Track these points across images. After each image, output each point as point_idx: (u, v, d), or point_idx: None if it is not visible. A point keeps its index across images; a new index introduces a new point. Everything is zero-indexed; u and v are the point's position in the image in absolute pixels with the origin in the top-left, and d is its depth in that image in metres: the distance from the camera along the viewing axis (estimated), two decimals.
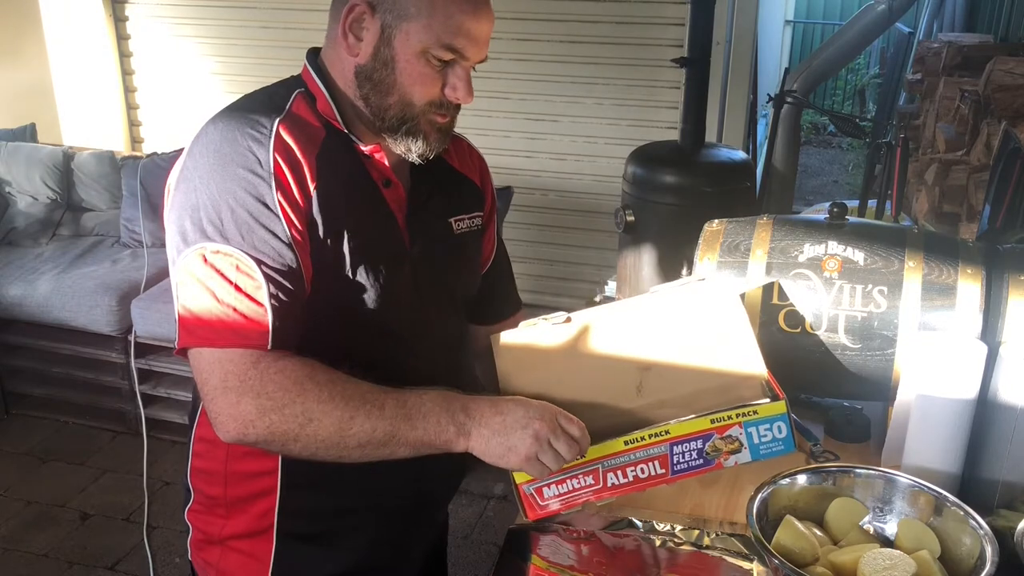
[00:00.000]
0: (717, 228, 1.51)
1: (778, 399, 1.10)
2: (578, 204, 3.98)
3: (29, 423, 3.57)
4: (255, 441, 1.08)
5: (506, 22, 3.76)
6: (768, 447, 1.10)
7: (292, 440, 1.07)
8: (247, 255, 1.07)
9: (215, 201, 1.08)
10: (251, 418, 1.06)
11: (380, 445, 1.09)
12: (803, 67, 4.15)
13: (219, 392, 1.07)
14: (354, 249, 1.16)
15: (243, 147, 1.10)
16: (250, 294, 1.07)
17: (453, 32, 1.12)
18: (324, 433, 1.07)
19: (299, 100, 1.18)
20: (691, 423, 1.09)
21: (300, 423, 1.06)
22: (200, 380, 1.09)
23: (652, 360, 1.19)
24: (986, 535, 1.07)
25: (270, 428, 1.06)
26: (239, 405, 1.06)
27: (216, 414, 1.08)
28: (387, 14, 1.13)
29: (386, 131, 1.18)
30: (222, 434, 1.09)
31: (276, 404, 1.06)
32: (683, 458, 1.10)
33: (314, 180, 1.13)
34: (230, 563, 1.28)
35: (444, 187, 1.31)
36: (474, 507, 3.06)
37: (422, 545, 1.43)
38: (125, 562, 2.81)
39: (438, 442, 1.10)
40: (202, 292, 1.07)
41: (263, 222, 1.08)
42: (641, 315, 1.27)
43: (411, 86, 1.15)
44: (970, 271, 1.34)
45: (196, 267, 1.08)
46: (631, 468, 1.10)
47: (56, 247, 3.78)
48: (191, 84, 4.35)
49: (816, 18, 9.75)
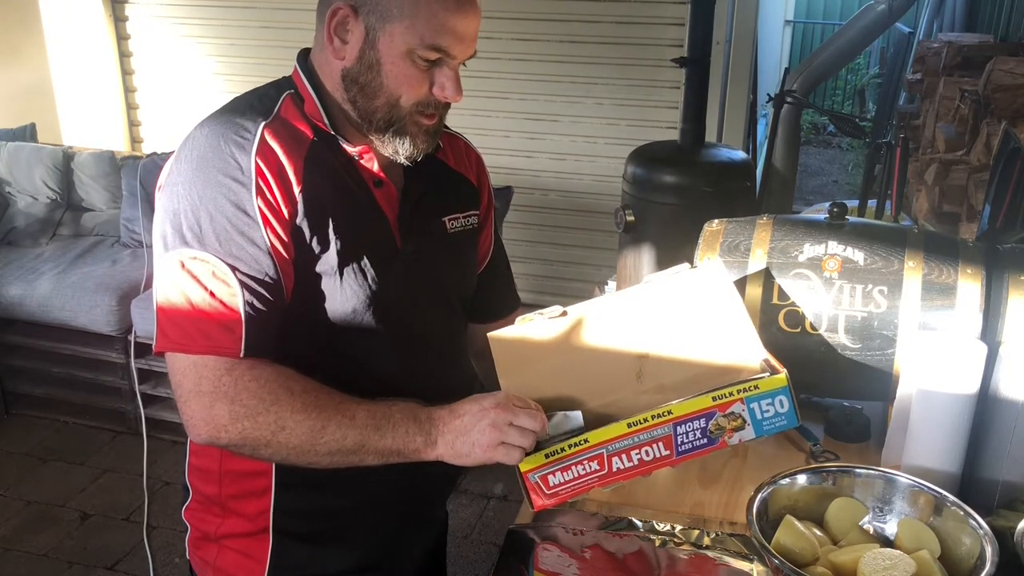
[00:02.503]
0: (717, 228, 1.51)
1: (777, 373, 1.10)
2: (578, 204, 3.98)
3: (29, 423, 3.57)
4: (226, 444, 1.10)
5: (506, 22, 3.76)
6: (771, 422, 1.09)
7: (263, 446, 1.09)
8: (223, 262, 1.09)
9: (195, 207, 1.09)
10: (223, 423, 1.08)
11: (350, 453, 1.11)
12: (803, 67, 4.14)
13: (192, 395, 1.09)
14: (343, 250, 1.16)
15: (226, 153, 1.11)
16: (225, 301, 1.08)
17: (437, 31, 1.12)
18: (295, 441, 1.09)
19: (288, 102, 1.18)
20: (693, 402, 1.08)
21: (272, 431, 1.08)
22: (174, 383, 1.11)
23: (650, 347, 1.20)
24: (986, 535, 1.07)
25: (242, 434, 1.08)
26: (212, 409, 1.08)
27: (189, 416, 1.10)
28: (370, 16, 1.12)
29: (374, 133, 1.18)
30: (194, 436, 1.11)
31: (249, 411, 1.08)
32: (687, 438, 1.09)
33: (300, 183, 1.13)
34: (227, 561, 1.28)
35: (438, 186, 1.30)
36: (474, 507, 3.06)
37: (420, 544, 1.43)
38: (125, 562, 2.81)
39: (407, 451, 1.11)
40: (179, 297, 1.09)
41: (242, 229, 1.09)
42: (636, 304, 1.27)
43: (398, 88, 1.15)
44: (970, 271, 1.34)
45: (174, 272, 1.09)
46: (635, 451, 1.09)
47: (56, 247, 3.78)
48: (191, 84, 4.35)
49: (816, 18, 9.75)
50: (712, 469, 1.42)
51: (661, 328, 1.21)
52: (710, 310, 1.23)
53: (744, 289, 1.41)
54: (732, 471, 1.42)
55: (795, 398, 1.09)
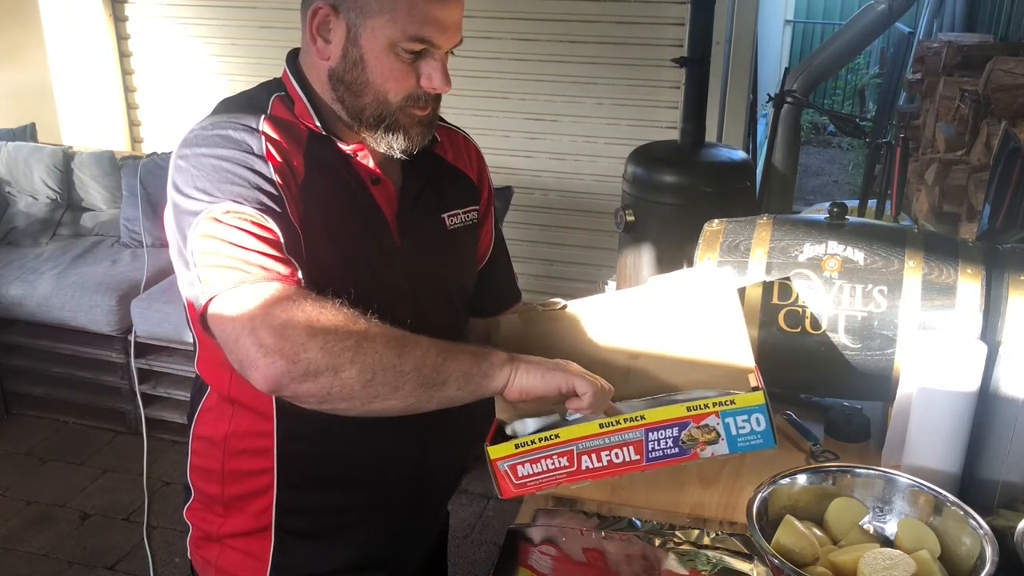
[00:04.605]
0: (717, 228, 1.51)
1: (756, 390, 1.09)
2: (578, 204, 3.98)
3: (29, 423, 3.57)
4: (304, 371, 0.97)
5: (506, 22, 3.76)
6: (746, 439, 1.08)
7: (348, 363, 0.98)
8: (256, 210, 1.05)
9: (213, 176, 1.06)
10: (301, 340, 0.96)
11: (432, 376, 1.02)
12: (803, 67, 4.14)
13: (258, 326, 0.97)
14: (342, 248, 1.16)
15: (235, 138, 1.10)
16: (269, 239, 1.04)
17: (419, 22, 1.11)
18: (380, 352, 1.00)
19: (277, 103, 1.18)
20: (667, 410, 1.07)
21: (356, 340, 0.99)
22: (228, 329, 1.00)
23: (641, 349, 1.19)
24: (986, 535, 1.07)
25: (324, 347, 0.97)
26: (285, 330, 0.97)
27: (253, 358, 0.97)
28: (350, 13, 1.12)
29: (365, 130, 1.18)
30: (263, 377, 0.98)
31: (326, 325, 0.98)
32: (658, 445, 1.08)
33: (302, 178, 1.13)
34: (229, 561, 1.28)
35: (437, 182, 1.30)
36: (474, 507, 3.06)
37: (421, 543, 1.43)
38: (125, 562, 2.81)
39: (477, 374, 1.05)
40: (223, 246, 1.03)
41: (266, 189, 1.07)
42: (636, 305, 1.27)
43: (384, 83, 1.14)
44: (970, 271, 1.34)
45: (210, 228, 1.04)
46: (605, 452, 1.08)
47: (56, 247, 3.78)
48: (191, 84, 4.35)
49: (816, 18, 9.75)
50: (712, 469, 1.42)
51: (656, 332, 1.22)
52: (707, 318, 1.23)
53: (744, 289, 1.41)
54: (732, 471, 1.42)
55: (773, 419, 1.08)
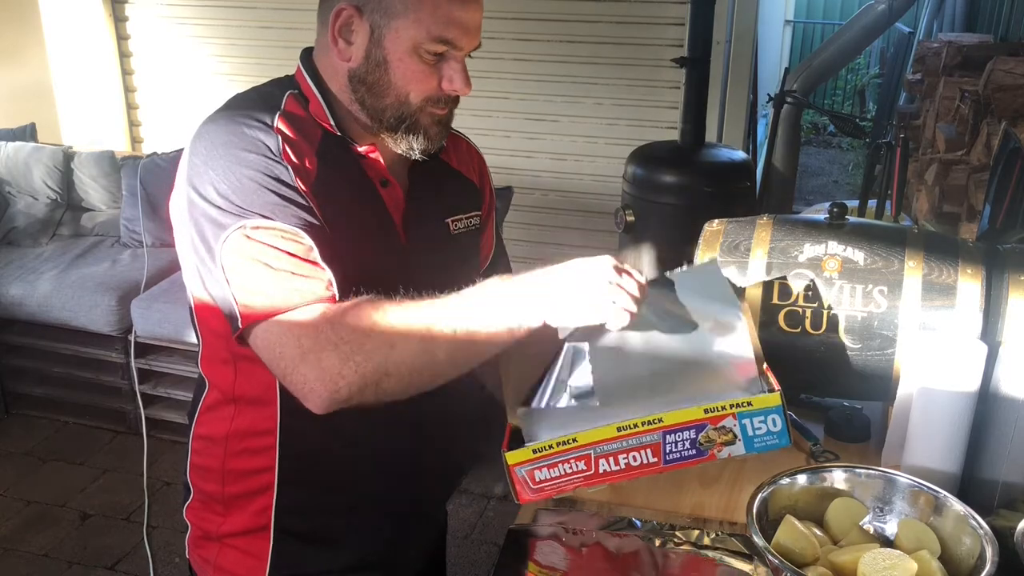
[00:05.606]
0: (717, 228, 1.51)
1: (773, 391, 1.09)
2: (578, 204, 3.98)
3: (29, 423, 3.57)
4: (349, 395, 1.04)
5: (506, 22, 3.77)
6: (763, 440, 1.09)
7: (384, 376, 1.04)
8: (286, 223, 1.06)
9: (237, 186, 1.07)
10: (337, 369, 1.03)
11: (466, 344, 1.05)
12: (803, 67, 4.14)
13: (299, 358, 1.04)
14: (351, 249, 1.15)
15: (251, 137, 1.10)
16: (301, 256, 1.06)
17: (443, 23, 1.11)
18: (411, 353, 1.04)
19: (291, 100, 1.18)
20: (684, 412, 1.07)
21: (384, 354, 1.04)
22: (274, 356, 1.06)
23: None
24: (986, 535, 1.07)
25: (358, 371, 1.03)
26: (321, 362, 1.03)
27: (302, 383, 1.04)
28: (375, 14, 1.12)
29: (385, 132, 1.18)
30: (315, 403, 1.05)
31: (354, 346, 1.03)
32: (676, 447, 1.08)
33: (315, 177, 1.13)
34: (228, 560, 1.28)
35: (442, 186, 1.30)
36: (474, 507, 3.06)
37: (420, 543, 1.43)
38: (125, 562, 2.81)
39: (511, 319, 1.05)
40: (256, 267, 1.06)
41: (288, 196, 1.08)
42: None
43: (406, 84, 1.14)
44: (970, 271, 1.34)
45: (241, 246, 1.06)
46: (623, 455, 1.08)
47: (56, 247, 3.78)
48: (191, 84, 4.35)
49: (816, 18, 9.76)
50: (712, 469, 1.42)
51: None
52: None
53: (744, 289, 1.41)
54: (732, 471, 1.42)
55: (788, 419, 1.09)
